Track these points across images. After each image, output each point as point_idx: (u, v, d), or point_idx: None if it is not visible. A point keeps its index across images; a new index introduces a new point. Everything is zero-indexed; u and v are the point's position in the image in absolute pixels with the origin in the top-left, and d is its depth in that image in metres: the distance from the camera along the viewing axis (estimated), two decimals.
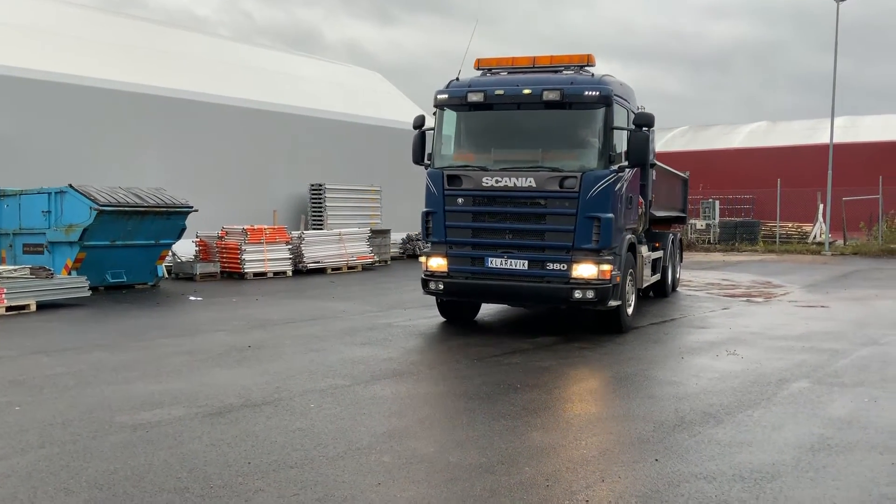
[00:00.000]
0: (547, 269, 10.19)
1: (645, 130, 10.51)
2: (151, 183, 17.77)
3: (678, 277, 16.94)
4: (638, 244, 11.69)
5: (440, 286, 10.76)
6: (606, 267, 10.04)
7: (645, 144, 10.47)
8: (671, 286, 15.77)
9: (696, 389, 7.54)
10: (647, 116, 10.55)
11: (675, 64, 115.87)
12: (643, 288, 12.71)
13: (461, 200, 10.49)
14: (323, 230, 22.62)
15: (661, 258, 14.14)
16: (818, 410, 6.80)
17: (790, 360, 9.06)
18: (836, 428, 6.24)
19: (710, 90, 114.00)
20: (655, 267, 13.63)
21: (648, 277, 12.96)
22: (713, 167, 42.83)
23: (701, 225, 34.99)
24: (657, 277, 14.05)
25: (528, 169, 10.27)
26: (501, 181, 10.25)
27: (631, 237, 11.12)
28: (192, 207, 16.52)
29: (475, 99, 10.46)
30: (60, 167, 18.30)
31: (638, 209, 11.78)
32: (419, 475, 5.07)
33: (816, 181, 32.81)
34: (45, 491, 4.77)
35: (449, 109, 10.84)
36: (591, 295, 10.01)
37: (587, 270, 10.02)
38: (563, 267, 10.09)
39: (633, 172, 10.95)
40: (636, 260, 11.51)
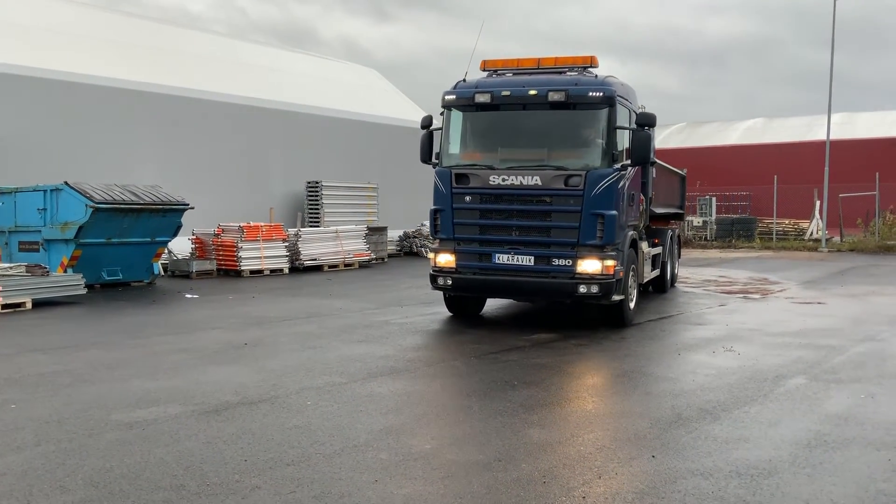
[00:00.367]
0: (552, 264, 10.41)
1: (647, 130, 10.74)
2: (147, 180, 17.74)
3: (676, 273, 17.17)
4: (639, 240, 11.87)
5: (448, 281, 10.95)
6: (610, 262, 10.25)
7: (647, 143, 10.68)
8: (670, 281, 16.01)
9: (692, 386, 7.55)
10: (649, 116, 10.82)
11: (671, 60, 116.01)
12: (643, 283, 12.89)
13: (469, 198, 10.71)
14: (320, 227, 22.60)
15: (660, 254, 14.35)
16: (815, 407, 6.81)
17: (787, 356, 9.07)
18: (832, 424, 6.25)
19: (706, 87, 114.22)
20: (655, 262, 13.87)
21: (648, 273, 13.17)
22: (710, 164, 42.90)
23: (698, 222, 34.99)
24: (657, 273, 14.30)
25: (533, 168, 10.47)
26: (508, 179, 10.46)
27: (633, 234, 11.32)
28: (188, 205, 16.49)
29: (482, 100, 10.69)
30: (56, 164, 18.26)
31: (639, 206, 11.98)
32: (416, 472, 5.06)
33: (813, 178, 32.84)
34: (40, 489, 4.76)
35: (456, 110, 11.04)
36: (595, 290, 10.21)
37: (591, 266, 10.23)
38: (568, 262, 10.31)
39: (635, 171, 11.18)
40: (638, 256, 11.69)
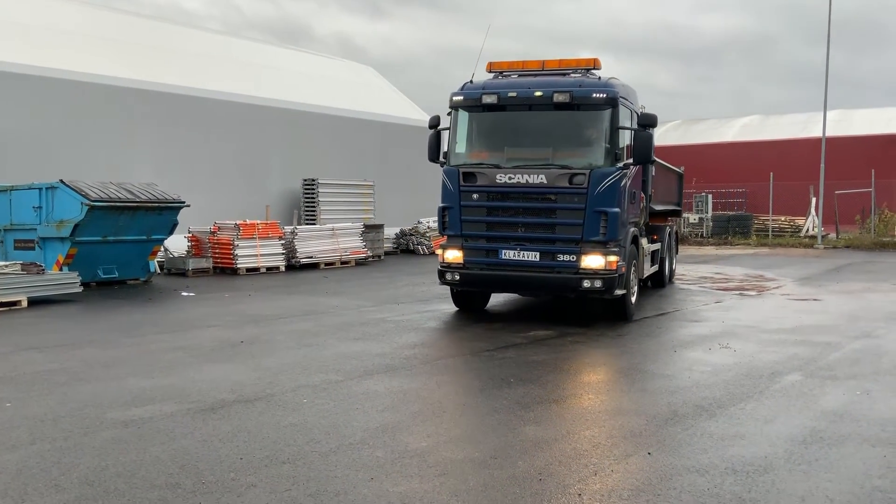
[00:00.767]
0: (557, 260, 10.69)
1: (649, 130, 11.10)
2: (143, 178, 17.71)
3: (674, 268, 17.53)
4: (639, 237, 12.18)
5: (456, 277, 11.25)
6: (613, 258, 10.53)
7: (649, 143, 10.99)
8: (668, 277, 16.36)
9: (688, 383, 7.55)
10: (650, 117, 11.22)
11: (666, 58, 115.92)
12: (643, 278, 13.19)
13: (476, 196, 10.98)
14: (316, 225, 22.56)
15: (659, 250, 14.68)
16: (810, 403, 6.82)
17: (783, 353, 9.08)
18: (828, 421, 6.26)
19: (701, 84, 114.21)
20: (654, 258, 14.22)
21: (648, 268, 13.54)
22: (706, 161, 42.92)
23: (694, 219, 35.03)
24: (656, 268, 14.68)
25: (539, 166, 10.75)
26: (514, 178, 10.74)
27: (634, 230, 11.64)
28: (184, 202, 16.46)
29: (489, 101, 10.97)
30: (51, 162, 18.24)
31: (640, 204, 12.30)
32: (412, 470, 5.06)
33: (809, 175, 32.89)
34: (35, 487, 4.74)
35: (464, 110, 11.32)
36: (598, 284, 10.49)
37: (595, 261, 10.51)
38: (572, 258, 10.60)
39: (636, 169, 11.53)
40: (638, 252, 12.00)
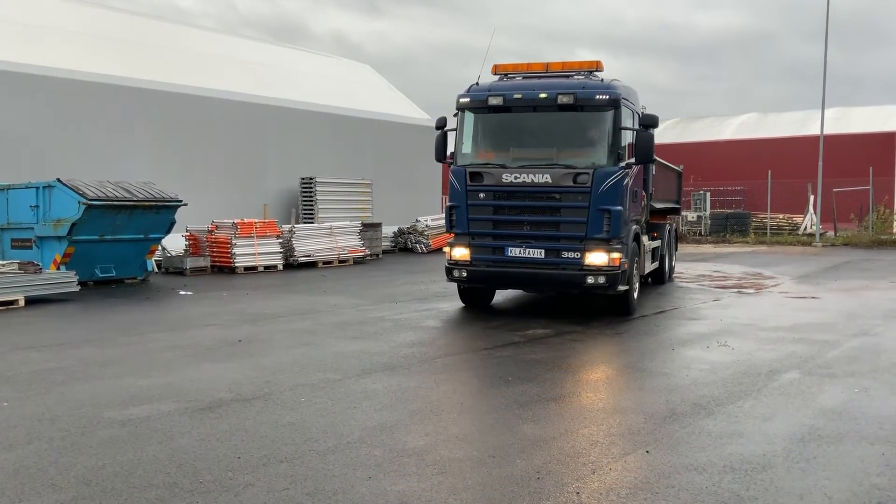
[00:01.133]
0: (562, 257, 10.97)
1: (650, 130, 11.34)
2: (140, 177, 17.68)
3: (674, 265, 17.82)
4: (641, 234, 12.46)
5: (464, 274, 11.52)
6: (616, 255, 10.83)
7: (650, 143, 11.28)
8: (668, 273, 16.64)
9: (686, 381, 7.55)
10: (652, 118, 11.43)
11: (663, 55, 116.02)
12: (644, 275, 13.45)
13: (483, 195, 11.24)
14: (314, 224, 22.54)
15: (659, 247, 14.95)
16: (809, 401, 6.81)
17: (781, 351, 9.08)
18: (826, 419, 6.25)
19: (699, 82, 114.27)
20: (654, 255, 14.53)
21: (649, 265, 13.84)
22: (704, 159, 42.91)
23: (692, 217, 35.03)
24: (656, 265, 14.99)
25: (544, 166, 11.00)
26: (520, 177, 11.00)
27: (636, 228, 11.95)
28: (181, 201, 16.44)
29: (495, 102, 11.23)
30: (48, 161, 18.21)
31: (641, 202, 12.59)
32: (410, 469, 5.05)
33: (807, 172, 32.88)
34: (32, 487, 4.73)
35: (470, 112, 11.54)
36: (602, 280, 10.79)
37: (599, 258, 10.80)
38: (576, 255, 10.88)
39: (638, 168, 11.82)
40: (640, 249, 12.30)
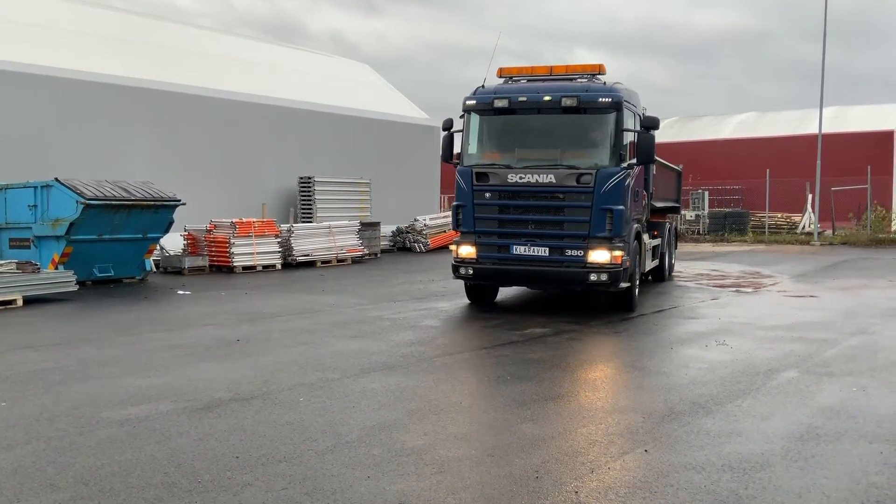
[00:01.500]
0: (566, 255, 11.24)
1: (651, 132, 11.61)
2: (139, 176, 17.66)
3: (674, 263, 18.06)
4: (642, 233, 12.71)
5: (470, 271, 11.77)
6: (618, 253, 11.09)
7: (651, 144, 11.57)
8: (668, 271, 16.88)
9: (685, 380, 7.55)
10: (653, 120, 11.79)
11: (661, 54, 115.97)
12: (645, 272, 13.69)
13: (488, 195, 11.53)
14: (312, 223, 22.52)
15: (659, 245, 15.19)
16: (807, 400, 6.82)
17: (779, 349, 9.09)
18: (825, 417, 6.26)
19: (697, 81, 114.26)
20: (655, 253, 14.79)
21: (649, 263, 14.10)
22: (702, 158, 42.88)
23: (690, 216, 35.03)
24: (656, 263, 15.25)
25: (548, 167, 11.28)
26: (525, 178, 11.29)
27: (637, 226, 12.22)
28: (179, 201, 16.42)
29: (501, 104, 11.51)
30: (46, 161, 18.17)
31: (642, 201, 12.82)
32: (408, 468, 5.05)
33: (805, 171, 32.89)
34: (30, 487, 4.73)
35: (476, 114, 11.83)
36: (604, 278, 11.04)
37: (601, 256, 11.05)
38: (579, 253, 11.15)
39: (639, 169, 12.07)
40: (641, 247, 12.55)
